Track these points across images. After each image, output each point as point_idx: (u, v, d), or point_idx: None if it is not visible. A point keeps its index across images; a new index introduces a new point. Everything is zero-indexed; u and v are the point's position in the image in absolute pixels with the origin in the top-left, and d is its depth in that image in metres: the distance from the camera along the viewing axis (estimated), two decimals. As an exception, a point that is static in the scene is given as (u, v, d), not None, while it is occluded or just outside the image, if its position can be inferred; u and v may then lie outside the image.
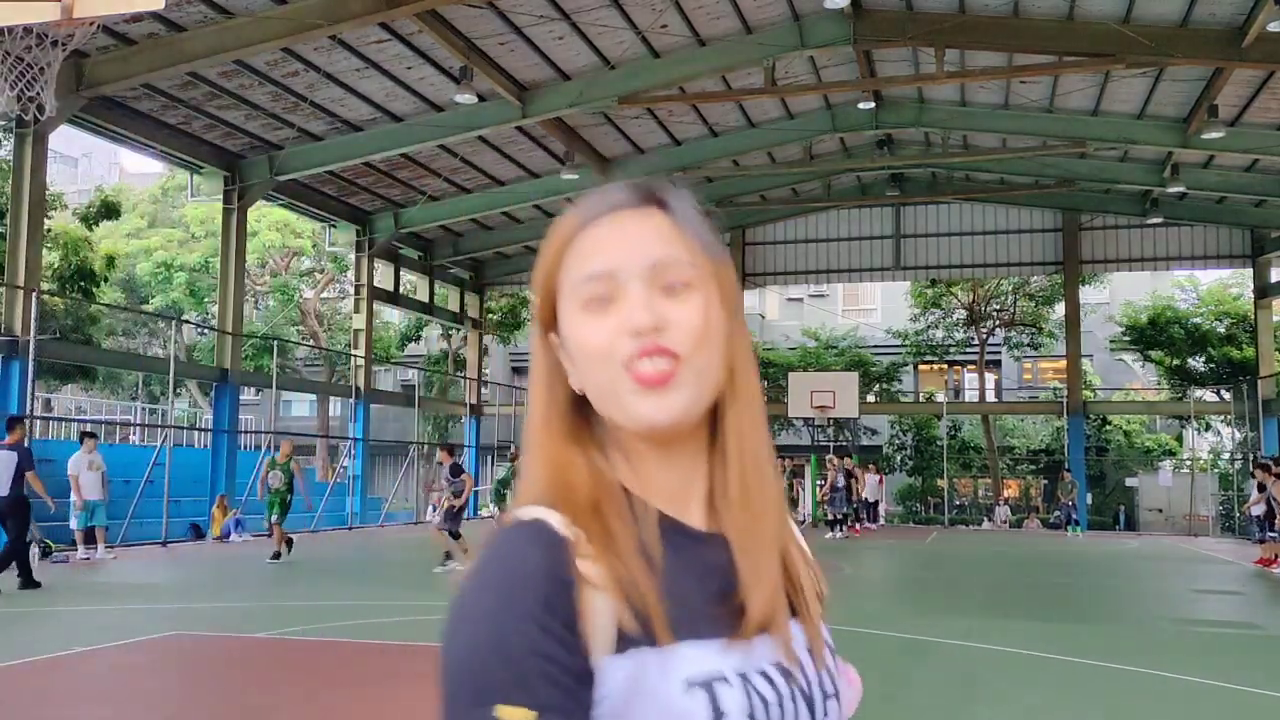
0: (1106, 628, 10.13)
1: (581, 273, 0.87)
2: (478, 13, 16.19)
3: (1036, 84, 19.67)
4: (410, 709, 6.23)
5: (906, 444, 35.85)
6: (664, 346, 0.85)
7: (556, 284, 0.90)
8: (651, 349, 0.84)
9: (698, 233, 0.90)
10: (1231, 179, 23.52)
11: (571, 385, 0.90)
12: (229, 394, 21.30)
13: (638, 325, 0.84)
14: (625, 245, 0.87)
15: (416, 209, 25.12)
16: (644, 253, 0.87)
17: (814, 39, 18.01)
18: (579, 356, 0.87)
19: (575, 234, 0.89)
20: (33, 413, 16.62)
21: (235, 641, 8.54)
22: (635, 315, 0.85)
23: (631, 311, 0.85)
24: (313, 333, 35.87)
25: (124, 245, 32.38)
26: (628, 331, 0.85)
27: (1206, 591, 13.92)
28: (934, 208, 29.16)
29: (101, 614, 9.89)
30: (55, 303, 22.51)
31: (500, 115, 19.51)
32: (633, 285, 0.86)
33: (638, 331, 0.84)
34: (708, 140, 23.38)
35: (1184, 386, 31.68)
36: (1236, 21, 15.83)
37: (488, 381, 34.83)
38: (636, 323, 0.84)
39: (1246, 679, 7.28)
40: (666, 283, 0.87)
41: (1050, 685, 7.04)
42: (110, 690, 6.84)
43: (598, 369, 0.86)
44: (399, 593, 11.94)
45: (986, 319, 34.48)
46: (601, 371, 0.86)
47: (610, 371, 0.85)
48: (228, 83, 17.76)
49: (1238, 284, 32.92)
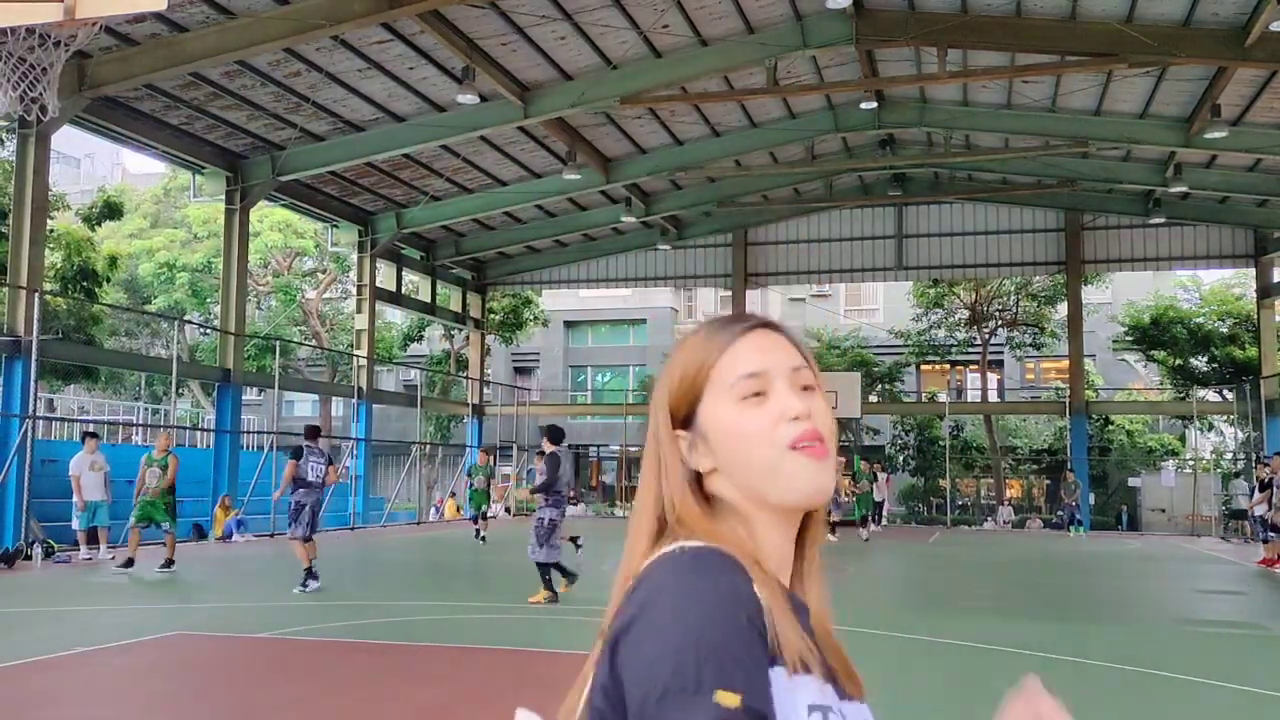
0: (1109, 628, 10.12)
1: (737, 373, 1.05)
2: (480, 13, 16.19)
3: (1039, 84, 19.64)
4: (412, 709, 6.23)
5: (909, 444, 35.84)
6: (819, 431, 1.03)
7: (703, 385, 1.06)
8: (813, 434, 1.03)
9: (806, 349, 1.10)
10: (1234, 179, 23.49)
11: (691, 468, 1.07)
12: (231, 394, 21.32)
13: (797, 411, 1.03)
14: (773, 352, 1.06)
15: (418, 209, 25.13)
16: (787, 358, 1.07)
17: (816, 39, 18.00)
18: (731, 441, 1.04)
19: (731, 343, 1.07)
20: (35, 413, 16.63)
21: (237, 642, 8.54)
22: (794, 404, 1.03)
23: (791, 401, 1.04)
24: (315, 333, 35.89)
25: (126, 246, 32.42)
26: (788, 418, 1.03)
27: (1210, 592, 13.91)
28: (936, 208, 29.13)
29: (103, 614, 9.89)
30: (58, 303, 22.53)
31: (502, 115, 19.51)
32: (779, 383, 1.05)
33: (798, 416, 1.03)
34: (710, 140, 23.37)
35: (1186, 386, 31.64)
36: (1239, 21, 15.81)
37: (489, 382, 34.84)
38: (795, 409, 1.03)
39: (1250, 679, 7.26)
40: (802, 384, 1.06)
41: (1053, 685, 7.02)
42: (112, 690, 6.84)
43: (756, 450, 1.03)
44: (401, 593, 11.94)
45: (989, 319, 34.44)
46: (761, 452, 1.02)
47: (772, 452, 1.02)
48: (230, 83, 17.77)
49: (1240, 284, 32.87)
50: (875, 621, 9.62)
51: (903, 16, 17.49)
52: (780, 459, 1.02)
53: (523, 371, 45.12)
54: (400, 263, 27.82)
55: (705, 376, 1.06)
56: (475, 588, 13.14)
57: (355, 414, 25.93)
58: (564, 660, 1.17)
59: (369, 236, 25.66)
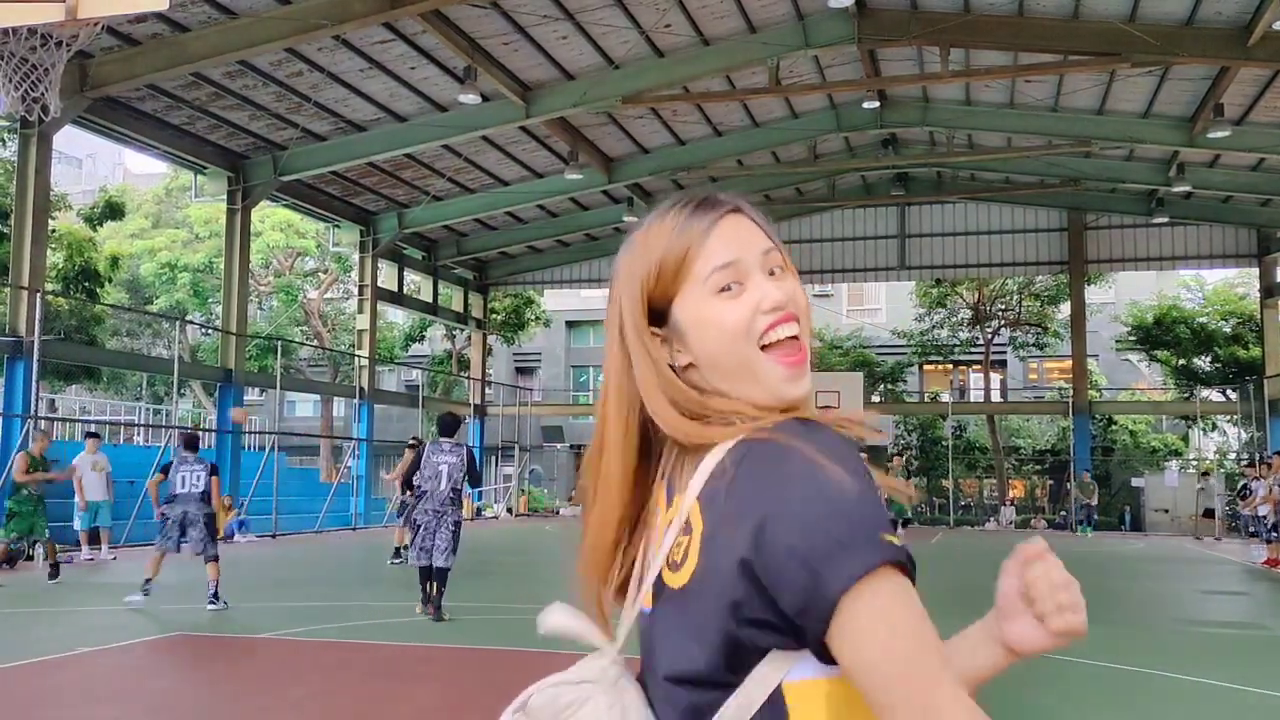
0: (1113, 629, 10.09)
1: (712, 264, 1.02)
2: (481, 13, 16.17)
3: (1041, 83, 19.61)
4: (412, 709, 6.21)
5: (911, 444, 35.80)
6: (793, 312, 1.02)
7: (681, 279, 1.03)
8: (787, 317, 1.01)
9: (771, 229, 1.09)
10: (1237, 178, 23.45)
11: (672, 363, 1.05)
12: (233, 394, 21.31)
13: (775, 301, 1.01)
14: (740, 239, 1.04)
15: (420, 209, 25.12)
16: (758, 243, 1.05)
17: (818, 38, 17.98)
18: (711, 336, 1.02)
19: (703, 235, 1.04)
20: (37, 413, 16.62)
21: (239, 642, 8.52)
22: (771, 293, 1.02)
23: (768, 289, 1.02)
24: (316, 333, 35.88)
25: (128, 246, 32.42)
26: (764, 309, 1.01)
27: (1213, 592, 13.87)
28: (939, 207, 29.10)
29: (105, 614, 9.88)
30: (60, 303, 22.53)
31: (504, 115, 19.50)
32: (754, 275, 1.03)
33: (775, 306, 1.01)
34: (712, 140, 23.35)
35: (1190, 386, 31.60)
36: (1242, 20, 15.77)
37: (491, 382, 34.82)
38: (774, 299, 1.02)
39: (1253, 680, 7.24)
40: (770, 267, 1.04)
41: (1056, 686, 7.00)
42: (114, 691, 6.83)
43: (735, 346, 1.01)
44: (402, 593, 11.93)
45: (991, 319, 34.40)
46: (739, 348, 1.01)
47: (747, 350, 1.01)
48: (232, 83, 17.77)
49: (1244, 283, 32.83)
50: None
51: (905, 16, 17.47)
52: (755, 358, 1.01)
53: (525, 372, 45.11)
54: (402, 263, 27.81)
55: (683, 270, 1.04)
56: (476, 587, 13.13)
57: (357, 414, 25.93)
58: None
59: (371, 236, 25.66)
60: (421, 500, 9.59)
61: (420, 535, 9.49)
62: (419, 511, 9.58)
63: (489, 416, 32.54)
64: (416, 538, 9.52)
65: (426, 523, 9.50)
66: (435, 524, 9.48)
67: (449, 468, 9.53)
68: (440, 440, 9.74)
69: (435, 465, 9.53)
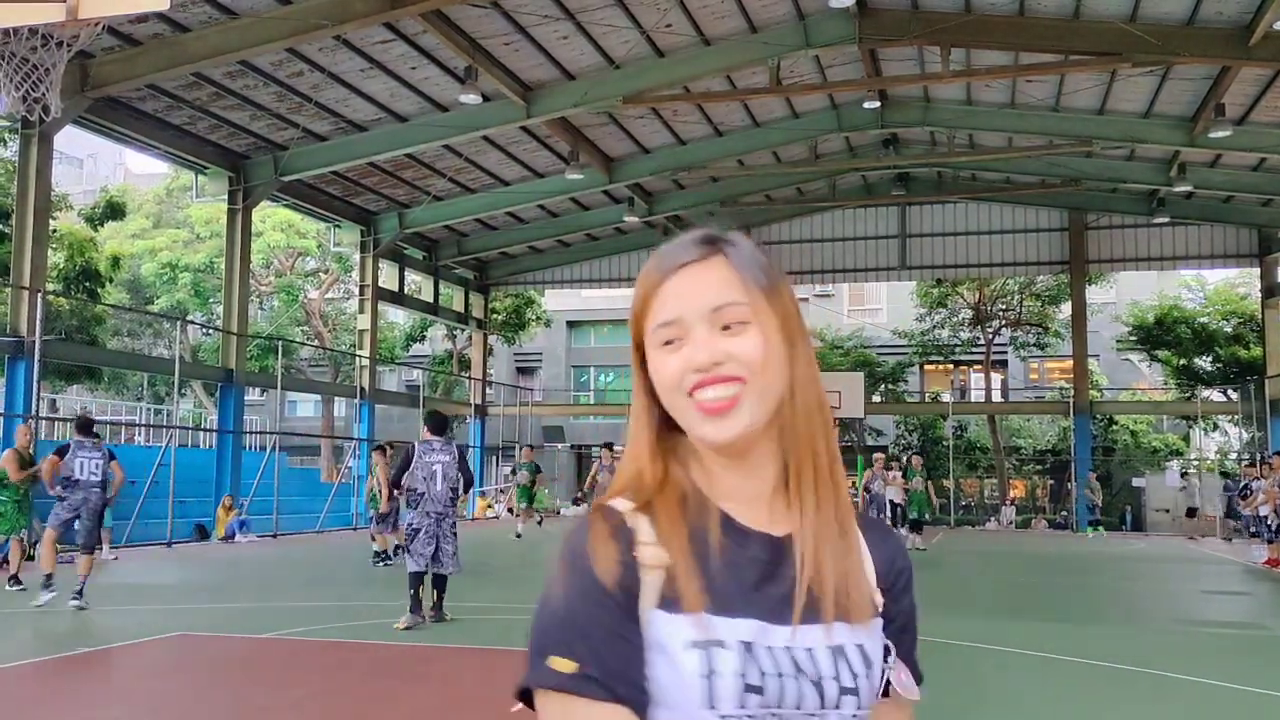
0: (1114, 629, 10.09)
1: (656, 321, 1.07)
2: (482, 13, 16.17)
3: (1042, 83, 19.60)
4: (412, 709, 6.21)
5: (912, 444, 35.77)
6: (724, 376, 1.03)
7: (644, 329, 1.09)
8: (712, 379, 1.03)
9: (754, 275, 1.07)
10: (1238, 178, 23.44)
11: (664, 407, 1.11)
12: (234, 394, 21.31)
13: (698, 364, 1.04)
14: (690, 295, 1.06)
15: (421, 209, 25.12)
16: (705, 301, 1.05)
17: (819, 38, 17.97)
18: (658, 381, 1.07)
19: (657, 287, 1.08)
20: (38, 413, 16.63)
21: (240, 642, 8.52)
22: (696, 355, 1.04)
23: (693, 351, 1.04)
24: (317, 333, 35.88)
25: (129, 246, 32.43)
26: (691, 368, 1.04)
27: (1214, 592, 13.87)
28: (939, 207, 29.09)
29: (106, 614, 9.88)
30: (60, 303, 22.54)
31: (504, 115, 19.49)
32: (697, 329, 1.05)
33: (698, 368, 1.03)
34: (713, 140, 23.34)
35: (1191, 386, 31.58)
36: (1243, 20, 15.76)
37: (492, 382, 34.80)
38: (697, 361, 1.04)
39: (1254, 680, 7.23)
40: (725, 323, 1.04)
41: (1058, 686, 7.00)
42: (115, 691, 6.83)
43: (670, 398, 1.06)
44: (403, 594, 11.91)
45: (992, 319, 34.39)
46: (673, 400, 1.06)
47: (681, 400, 1.05)
48: (232, 83, 17.77)
49: (1245, 283, 32.81)
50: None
51: (906, 16, 17.45)
52: (685, 409, 1.05)
53: (525, 372, 45.10)
54: (403, 263, 27.81)
55: (642, 318, 1.09)
56: (475, 587, 13.12)
57: (358, 414, 25.93)
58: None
59: (371, 236, 25.66)
60: (419, 503, 9.12)
61: (420, 540, 9.01)
62: (417, 514, 9.10)
63: (490, 416, 32.53)
64: (416, 542, 9.03)
65: (427, 526, 9.04)
66: (436, 528, 9.07)
67: (443, 467, 9.14)
68: (430, 439, 9.34)
69: (429, 465, 9.12)
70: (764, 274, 1.07)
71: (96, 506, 10.24)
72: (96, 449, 10.36)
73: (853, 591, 1.06)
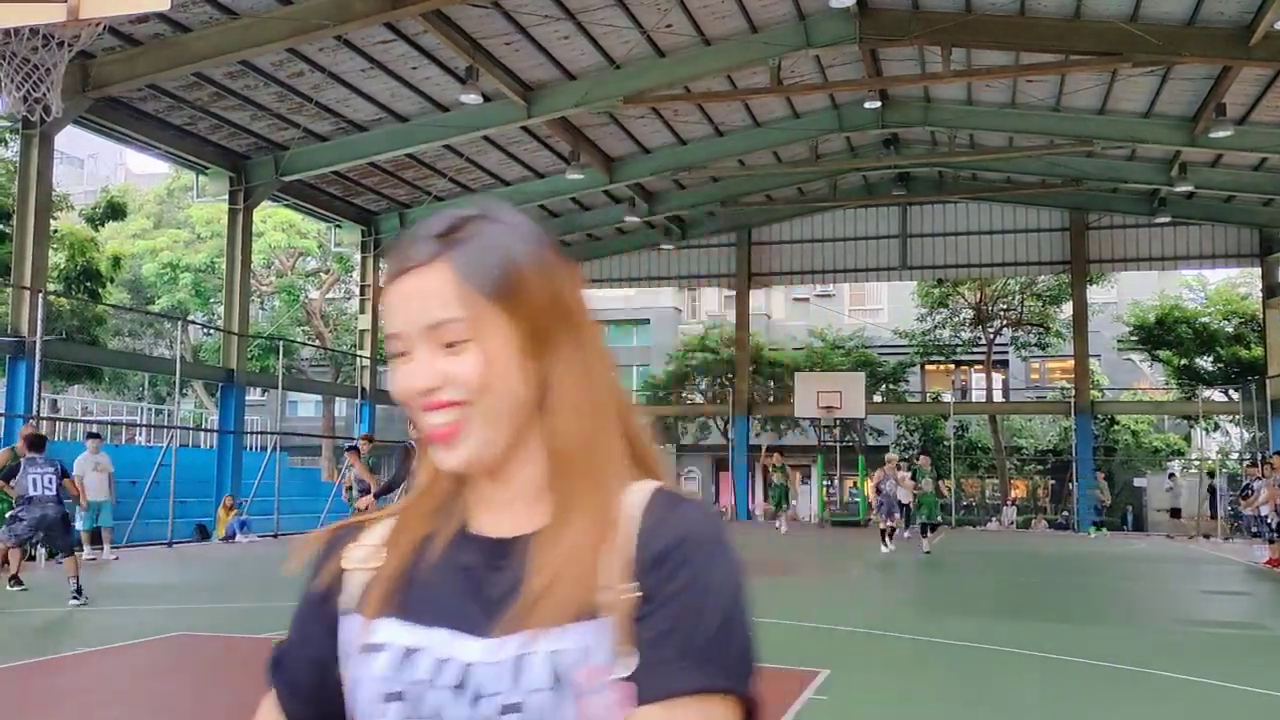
0: (1114, 629, 10.09)
1: (387, 330, 0.98)
2: (483, 13, 16.17)
3: (1043, 83, 19.60)
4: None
5: (913, 444, 35.76)
6: (443, 402, 0.94)
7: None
8: (433, 405, 0.95)
9: (482, 281, 0.94)
10: (1239, 178, 23.43)
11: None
12: (234, 395, 21.33)
13: (418, 388, 0.95)
14: (407, 309, 0.95)
15: (422, 209, 25.12)
16: (422, 317, 0.94)
17: (819, 38, 17.97)
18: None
19: (385, 293, 0.99)
20: (39, 413, 16.64)
21: (240, 642, 8.52)
22: (415, 380, 0.95)
23: (413, 375, 0.95)
24: (318, 333, 35.89)
25: (130, 246, 32.43)
26: (415, 391, 0.95)
27: (1215, 592, 13.86)
28: (940, 207, 29.08)
29: (107, 614, 9.88)
30: (61, 304, 22.55)
31: (505, 115, 19.50)
32: (419, 348, 0.95)
33: (420, 392, 0.95)
34: (713, 140, 23.34)
35: (1192, 386, 31.57)
36: (1244, 20, 15.75)
37: (493, 382, 34.72)
38: (417, 386, 0.95)
39: (1254, 680, 7.23)
40: (445, 341, 0.94)
41: (1058, 686, 6.99)
42: (116, 691, 6.83)
43: (412, 414, 0.98)
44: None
45: (993, 319, 34.38)
46: (415, 417, 0.97)
47: (420, 418, 0.97)
48: (233, 83, 17.78)
49: (1246, 283, 32.79)
50: (882, 623, 9.59)
51: (906, 16, 17.46)
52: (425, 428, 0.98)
53: (526, 371, 45.03)
54: (404, 263, 27.78)
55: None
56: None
57: (358, 414, 25.93)
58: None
59: (372, 236, 25.68)
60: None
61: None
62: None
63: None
64: None
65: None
66: None
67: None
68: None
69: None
70: (500, 274, 0.95)
71: (55, 519, 10.33)
72: (49, 464, 10.43)
73: (560, 590, 0.91)
